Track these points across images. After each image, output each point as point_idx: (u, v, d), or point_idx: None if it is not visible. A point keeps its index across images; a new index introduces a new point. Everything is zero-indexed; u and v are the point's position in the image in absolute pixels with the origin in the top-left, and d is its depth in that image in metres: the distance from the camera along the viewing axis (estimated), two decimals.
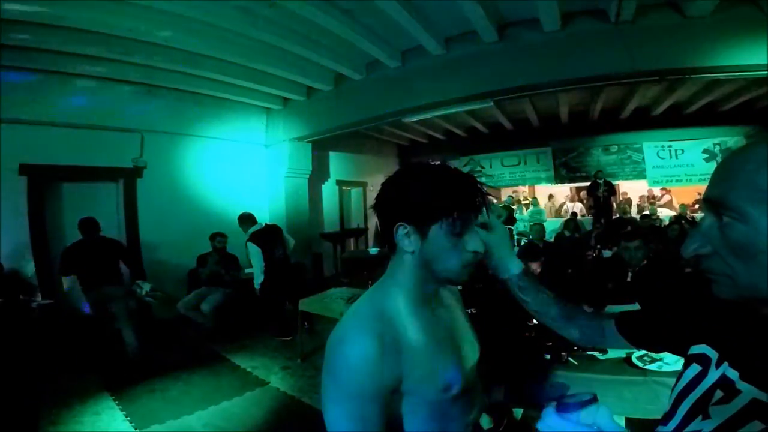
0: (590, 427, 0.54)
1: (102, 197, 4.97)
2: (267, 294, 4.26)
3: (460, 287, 1.05)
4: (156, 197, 5.16)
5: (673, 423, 0.57)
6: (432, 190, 0.71)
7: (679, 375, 0.61)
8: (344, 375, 0.66)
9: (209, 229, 5.06)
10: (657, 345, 0.75)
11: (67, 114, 4.37)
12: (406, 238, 0.73)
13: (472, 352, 0.86)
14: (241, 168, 6.24)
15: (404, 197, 0.73)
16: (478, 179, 0.76)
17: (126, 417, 2.71)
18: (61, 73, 4.16)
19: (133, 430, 2.57)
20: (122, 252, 3.87)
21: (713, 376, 0.54)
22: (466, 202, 0.73)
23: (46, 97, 4.18)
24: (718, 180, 0.49)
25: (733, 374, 0.51)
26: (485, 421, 0.91)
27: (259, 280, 4.21)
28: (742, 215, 0.44)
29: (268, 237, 4.38)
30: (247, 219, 4.51)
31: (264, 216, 5.95)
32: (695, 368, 0.58)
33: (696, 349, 0.60)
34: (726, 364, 0.53)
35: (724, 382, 0.52)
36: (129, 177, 5.03)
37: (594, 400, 0.56)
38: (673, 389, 0.61)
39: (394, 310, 0.74)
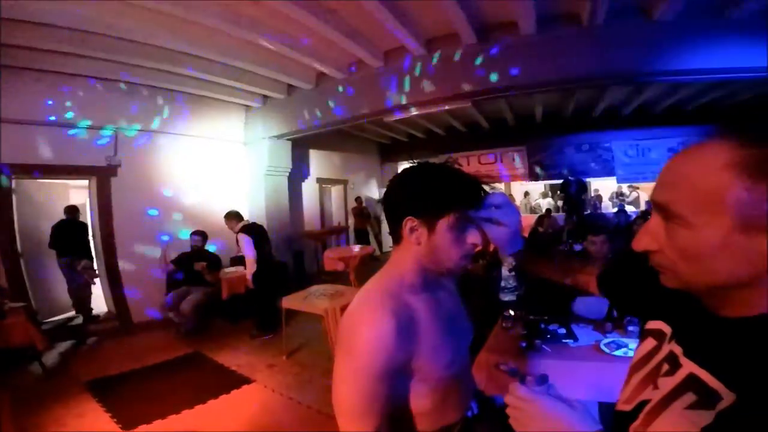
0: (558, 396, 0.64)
1: (74, 196, 4.83)
2: (260, 286, 4.24)
3: None
4: (131, 196, 5.03)
5: (628, 391, 0.62)
6: (442, 188, 0.78)
7: (636, 348, 0.66)
8: (362, 352, 0.70)
9: (187, 228, 5.01)
10: (626, 306, 0.84)
11: (38, 111, 4.22)
12: (413, 232, 0.79)
13: (467, 333, 0.94)
14: (220, 166, 6.16)
15: (415, 194, 0.79)
16: (482, 180, 0.83)
17: (112, 418, 2.68)
18: (32, 69, 4.01)
19: (120, 430, 2.54)
20: (80, 232, 4.93)
21: (665, 350, 0.58)
22: (472, 199, 0.79)
23: (15, 94, 4.02)
24: (665, 183, 0.50)
25: (677, 350, 0.55)
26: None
27: (252, 269, 4.17)
28: (685, 223, 0.47)
29: (257, 232, 4.40)
30: (234, 216, 4.51)
31: (244, 215, 5.91)
32: (651, 342, 0.62)
33: (653, 324, 0.64)
34: (674, 340, 0.57)
35: (670, 356, 0.56)
36: (103, 176, 4.89)
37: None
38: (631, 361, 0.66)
39: (403, 291, 0.80)
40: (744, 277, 0.45)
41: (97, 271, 5.10)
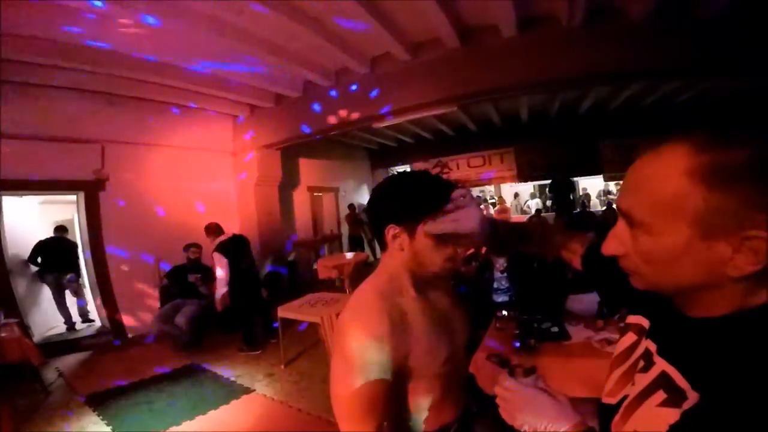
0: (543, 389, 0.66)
1: (62, 211, 4.78)
2: (238, 303, 4.18)
3: None
4: (121, 210, 4.99)
5: (610, 384, 0.63)
6: (417, 194, 0.81)
7: (618, 341, 0.66)
8: (357, 352, 0.71)
9: (179, 241, 4.98)
10: (607, 292, 0.85)
11: (23, 125, 4.18)
12: (396, 239, 0.82)
13: (463, 332, 0.95)
14: (209, 177, 6.13)
15: (394, 201, 0.83)
16: (457, 183, 0.85)
17: (113, 431, 2.67)
18: (16, 82, 3.99)
19: None
20: (69, 250, 5.23)
21: (642, 346, 0.59)
22: (446, 203, 0.80)
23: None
24: (628, 189, 0.51)
25: (652, 347, 0.56)
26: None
27: (221, 291, 4.09)
28: (647, 229, 0.48)
29: (235, 247, 4.31)
30: (213, 229, 4.42)
31: (235, 225, 5.89)
32: (631, 337, 0.63)
33: (634, 318, 0.65)
34: (650, 337, 0.58)
35: (646, 353, 0.57)
36: (90, 190, 4.84)
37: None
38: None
39: (394, 293, 0.82)
40: (706, 281, 0.46)
41: (83, 285, 5.21)
